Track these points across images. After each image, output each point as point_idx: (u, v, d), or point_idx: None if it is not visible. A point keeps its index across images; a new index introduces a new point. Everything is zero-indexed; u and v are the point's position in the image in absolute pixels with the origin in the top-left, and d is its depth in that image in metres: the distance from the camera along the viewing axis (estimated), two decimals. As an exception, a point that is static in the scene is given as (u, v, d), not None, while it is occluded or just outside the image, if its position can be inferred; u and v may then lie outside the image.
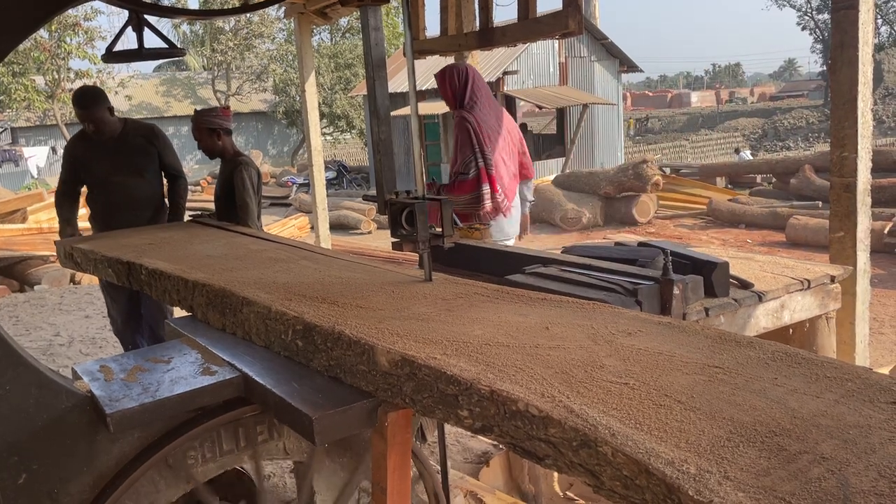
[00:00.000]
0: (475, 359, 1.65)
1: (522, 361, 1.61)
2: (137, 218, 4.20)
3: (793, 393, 1.41)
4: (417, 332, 1.86)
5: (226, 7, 24.36)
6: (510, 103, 19.02)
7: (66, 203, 4.32)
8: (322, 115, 25.50)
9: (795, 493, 1.07)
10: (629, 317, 1.97)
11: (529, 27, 3.51)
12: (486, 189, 3.96)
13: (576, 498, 3.42)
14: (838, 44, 3.47)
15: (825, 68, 41.29)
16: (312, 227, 8.65)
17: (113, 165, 4.19)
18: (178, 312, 3.54)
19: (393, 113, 2.63)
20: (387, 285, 2.39)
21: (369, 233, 14.29)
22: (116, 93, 24.95)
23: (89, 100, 4.16)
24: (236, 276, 2.58)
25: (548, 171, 18.16)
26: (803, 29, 43.31)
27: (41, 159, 24.48)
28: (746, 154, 22.40)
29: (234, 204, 4.14)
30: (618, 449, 1.21)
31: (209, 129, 4.18)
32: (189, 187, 4.82)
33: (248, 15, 27.17)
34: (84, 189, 4.45)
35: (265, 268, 2.73)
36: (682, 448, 1.20)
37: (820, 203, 12.23)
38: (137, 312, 4.32)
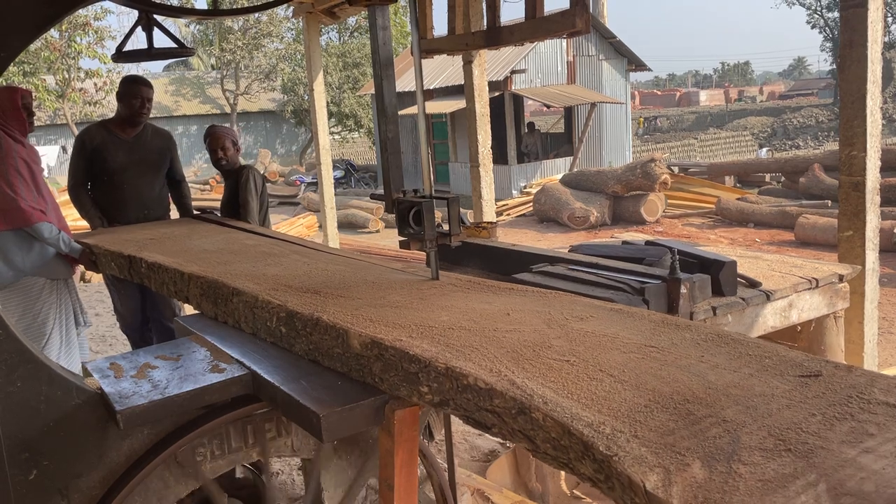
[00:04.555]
0: (437, 341, 1.79)
1: (479, 343, 1.76)
2: (144, 217, 4.26)
3: (714, 368, 1.56)
4: (389, 318, 1.99)
5: (235, 7, 24.41)
6: (518, 102, 18.99)
7: (86, 198, 4.26)
8: (330, 115, 25.53)
9: (691, 448, 1.21)
10: (584, 304, 2.12)
11: (537, 26, 3.51)
12: None
13: (582, 496, 3.42)
14: (847, 42, 3.46)
15: (835, 67, 41.03)
16: (321, 226, 8.66)
17: (130, 160, 4.21)
18: (188, 310, 3.61)
19: (401, 112, 2.65)
20: (369, 276, 2.54)
21: (377, 231, 14.30)
22: (126, 92, 24.92)
23: (147, 81, 4.28)
24: (229, 268, 2.72)
25: (556, 170, 18.14)
26: (813, 27, 43.03)
27: (52, 158, 24.60)
28: None
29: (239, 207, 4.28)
30: (547, 414, 1.37)
31: (233, 141, 4.36)
32: (196, 185, 4.91)
33: (256, 14, 27.22)
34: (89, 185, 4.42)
35: (257, 261, 2.87)
36: (603, 413, 1.36)
37: (829, 202, 12.16)
38: (146, 308, 4.35)
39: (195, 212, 4.58)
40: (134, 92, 4.16)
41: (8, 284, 3.59)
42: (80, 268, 3.95)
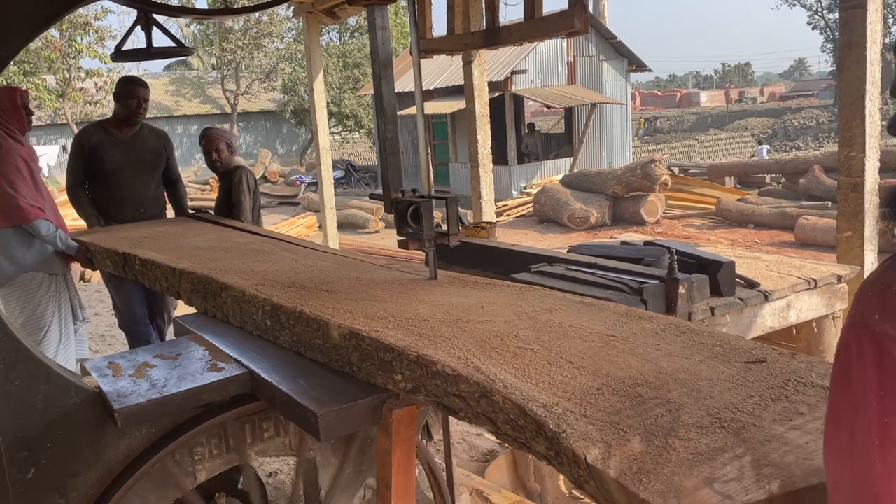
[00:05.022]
0: (412, 331, 1.88)
1: (451, 333, 1.85)
2: (140, 215, 4.34)
3: (668, 355, 1.64)
4: (368, 311, 2.08)
5: (235, 6, 24.38)
6: (518, 102, 18.98)
7: (84, 197, 4.34)
8: (330, 115, 25.51)
9: (634, 426, 1.31)
10: (555, 297, 2.21)
11: (536, 26, 3.51)
12: None
13: (581, 496, 3.42)
14: (846, 43, 3.46)
15: (835, 68, 41.02)
16: (320, 226, 8.66)
17: (127, 159, 4.29)
18: (181, 306, 3.67)
19: (401, 112, 2.66)
20: (353, 272, 2.63)
21: (377, 231, 14.29)
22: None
23: (144, 82, 4.38)
24: (219, 265, 2.80)
25: (556, 171, 18.13)
26: (814, 28, 43.00)
27: (52, 158, 24.59)
28: None
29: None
30: (506, 397, 1.46)
31: (227, 143, 4.44)
32: (196, 185, 5.02)
33: (256, 14, 27.21)
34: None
35: (247, 258, 2.96)
36: (558, 395, 1.45)
37: (829, 203, 12.15)
38: (145, 304, 4.41)
39: (190, 211, 4.66)
40: (130, 92, 4.24)
41: (9, 280, 3.67)
42: (80, 266, 4.03)
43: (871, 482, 0.83)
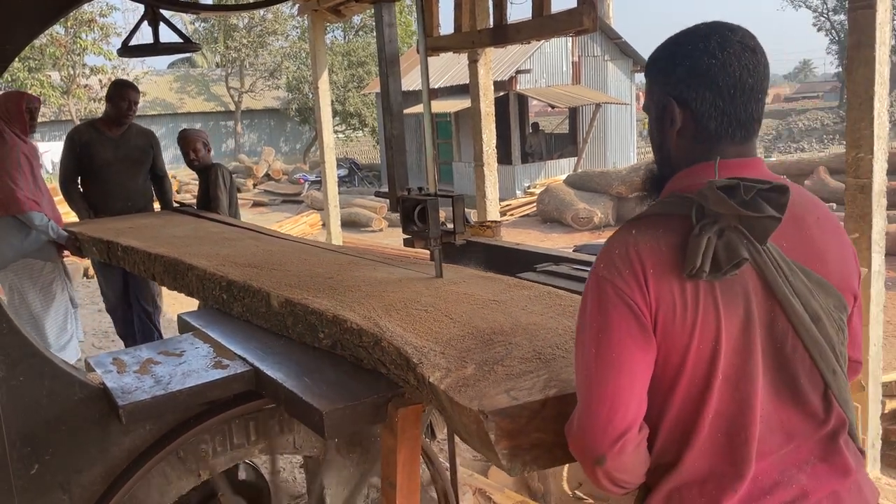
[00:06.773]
0: (336, 299, 2.21)
1: (366, 299, 2.19)
2: (128, 208, 4.64)
3: (529, 314, 1.98)
4: (306, 284, 2.41)
5: (240, 3, 24.40)
6: (522, 102, 18.96)
7: (76, 192, 4.67)
8: (335, 113, 25.49)
9: (474, 359, 1.67)
10: (465, 273, 2.55)
11: (544, 24, 3.50)
12: None
13: (585, 497, 3.41)
14: (855, 43, 3.44)
15: (840, 69, 40.83)
16: (324, 225, 8.66)
17: (115, 156, 4.60)
18: (166, 292, 4.14)
19: (406, 111, 2.67)
20: (304, 255, 2.97)
21: (380, 230, 14.29)
22: (131, 89, 24.85)
23: (135, 86, 4.75)
24: (190, 250, 3.14)
25: (559, 171, 18.11)
26: (819, 30, 42.82)
27: (56, 154, 24.66)
28: None
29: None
30: (390, 343, 1.82)
31: (203, 143, 4.73)
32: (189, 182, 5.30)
33: (261, 12, 27.21)
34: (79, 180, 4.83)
35: (215, 244, 3.31)
36: (429, 340, 1.81)
37: (834, 205, 12.12)
38: (129, 290, 4.74)
39: (175, 205, 4.98)
40: (122, 94, 4.59)
41: (9, 263, 4.04)
42: (82, 262, 4.33)
43: (591, 379, 1.21)
